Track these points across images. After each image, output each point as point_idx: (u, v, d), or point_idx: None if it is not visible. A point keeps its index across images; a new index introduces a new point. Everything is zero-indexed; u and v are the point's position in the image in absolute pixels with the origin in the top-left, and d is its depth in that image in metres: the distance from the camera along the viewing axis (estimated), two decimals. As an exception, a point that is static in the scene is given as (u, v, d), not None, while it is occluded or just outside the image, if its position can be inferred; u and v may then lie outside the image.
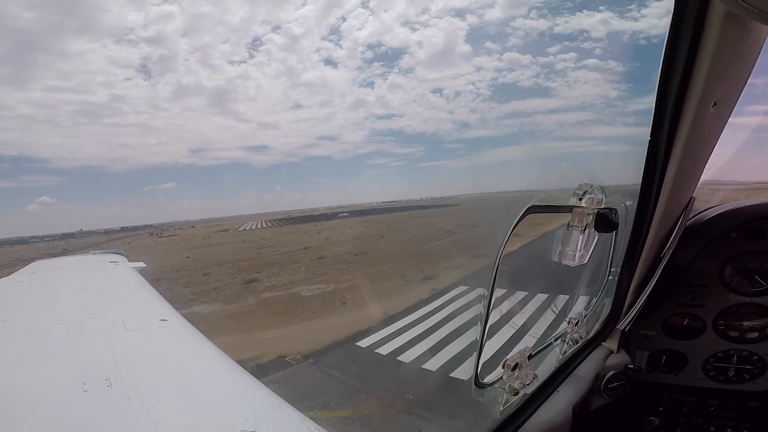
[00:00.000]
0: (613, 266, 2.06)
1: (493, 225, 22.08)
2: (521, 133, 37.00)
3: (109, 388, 1.36)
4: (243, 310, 16.96)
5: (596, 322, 2.16)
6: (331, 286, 18.48)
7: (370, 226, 32.03)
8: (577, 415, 1.78)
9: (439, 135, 42.87)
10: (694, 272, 2.16)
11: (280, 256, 24.61)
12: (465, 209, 33.22)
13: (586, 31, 32.16)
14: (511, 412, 1.56)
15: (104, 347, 1.69)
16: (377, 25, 37.63)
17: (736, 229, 2.13)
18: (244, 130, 39.98)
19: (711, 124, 1.54)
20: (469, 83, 40.85)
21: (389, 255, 23.72)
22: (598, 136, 32.12)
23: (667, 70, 1.34)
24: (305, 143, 44.49)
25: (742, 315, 2.17)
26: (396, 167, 43.63)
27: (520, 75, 38.32)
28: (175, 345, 1.86)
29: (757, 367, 2.20)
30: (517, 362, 1.52)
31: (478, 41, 38.87)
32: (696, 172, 1.82)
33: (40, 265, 3.55)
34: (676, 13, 1.22)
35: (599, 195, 1.62)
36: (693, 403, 2.29)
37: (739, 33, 1.21)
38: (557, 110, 37.36)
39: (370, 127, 41.80)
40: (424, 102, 42.76)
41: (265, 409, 1.31)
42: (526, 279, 4.68)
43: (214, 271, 22.13)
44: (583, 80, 35.21)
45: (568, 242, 1.66)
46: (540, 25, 36.33)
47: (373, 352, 10.28)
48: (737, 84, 1.48)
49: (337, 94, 41.33)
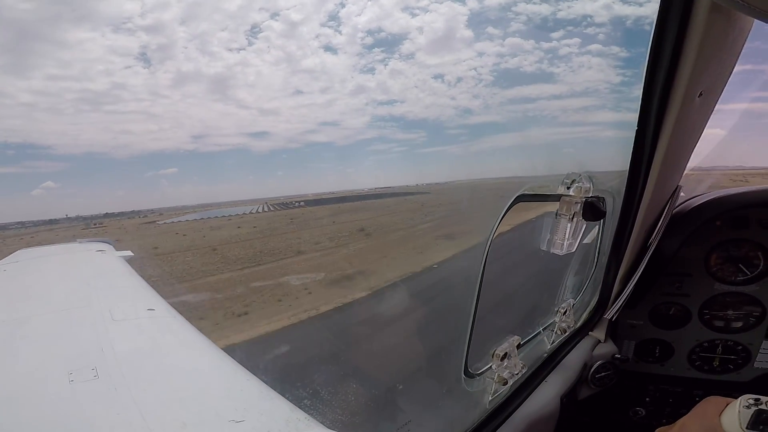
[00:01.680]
0: (601, 255, 2.07)
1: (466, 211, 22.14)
2: (521, 119, 37.16)
3: (96, 378, 1.34)
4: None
5: (584, 311, 2.18)
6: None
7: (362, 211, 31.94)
8: (565, 405, 1.80)
9: (441, 121, 42.96)
10: (681, 261, 2.18)
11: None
12: (447, 196, 33.20)
13: (589, 16, 32.26)
14: (500, 402, 1.58)
15: (91, 337, 1.67)
16: (376, 11, 37.47)
17: (721, 217, 2.14)
18: (245, 117, 39.86)
19: (697, 114, 1.55)
20: (471, 68, 40.89)
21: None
22: (590, 123, 32.28)
23: (654, 61, 1.35)
24: (306, 129, 44.41)
25: (726, 304, 2.20)
26: (398, 153, 43.79)
27: (516, 61, 38.41)
28: (163, 335, 1.84)
29: (741, 358, 2.23)
30: (506, 352, 1.54)
31: (479, 26, 38.79)
32: (682, 161, 1.83)
33: (24, 253, 3.49)
34: (663, 4, 1.23)
35: (587, 184, 1.62)
36: (678, 394, 2.32)
37: (724, 24, 1.21)
38: (557, 96, 37.53)
39: (371, 113, 41.82)
40: (426, 88, 42.84)
41: (254, 399, 1.30)
42: (514, 267, 4.71)
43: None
44: (585, 66, 35.35)
45: (556, 231, 1.67)
46: (539, 11, 36.30)
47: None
48: (723, 75, 1.49)
49: (338, 80, 41.28)
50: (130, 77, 30.65)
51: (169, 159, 34.24)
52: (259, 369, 1.53)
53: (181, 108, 34.83)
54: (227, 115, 35.85)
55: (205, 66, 33.62)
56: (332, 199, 27.78)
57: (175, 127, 35.20)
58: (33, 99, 30.68)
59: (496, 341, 1.57)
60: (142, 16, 29.37)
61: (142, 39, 30.32)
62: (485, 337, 1.54)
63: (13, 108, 31.50)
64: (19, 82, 31.12)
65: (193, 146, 34.87)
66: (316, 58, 36.31)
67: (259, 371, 1.46)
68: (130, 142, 32.34)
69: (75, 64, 30.84)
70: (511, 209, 1.42)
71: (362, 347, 10.46)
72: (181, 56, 32.90)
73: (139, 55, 30.76)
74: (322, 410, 5.09)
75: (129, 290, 2.47)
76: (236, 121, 36.08)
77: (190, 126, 34.90)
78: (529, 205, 1.51)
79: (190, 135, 34.48)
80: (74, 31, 32.11)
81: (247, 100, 37.17)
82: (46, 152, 32.55)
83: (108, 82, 30.74)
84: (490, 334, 1.58)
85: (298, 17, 33.86)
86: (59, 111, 30.32)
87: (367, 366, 8.53)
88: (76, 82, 31.22)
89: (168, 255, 21.01)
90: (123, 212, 18.28)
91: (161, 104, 33.82)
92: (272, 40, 34.26)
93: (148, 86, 31.28)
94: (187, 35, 32.17)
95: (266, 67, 35.74)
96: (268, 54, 34.94)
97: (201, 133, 34.38)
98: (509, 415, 1.59)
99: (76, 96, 31.13)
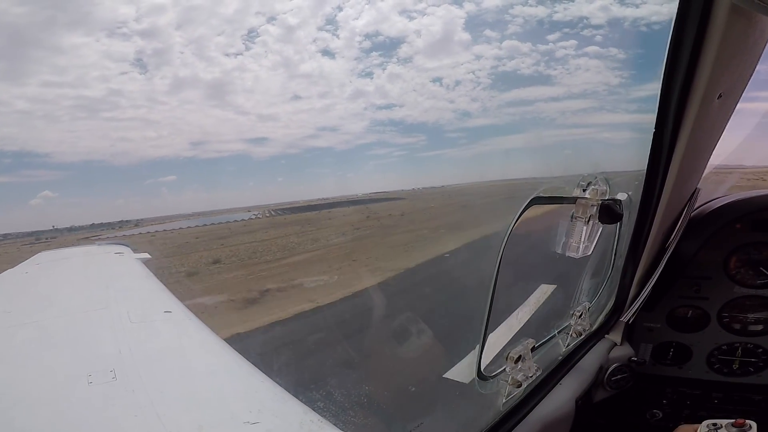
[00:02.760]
0: (617, 258, 2.04)
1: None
2: (524, 122, 36.63)
3: (114, 380, 1.37)
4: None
5: (600, 314, 2.15)
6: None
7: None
8: (580, 408, 1.78)
9: (441, 124, 42.58)
10: (699, 264, 2.14)
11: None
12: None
13: (586, 17, 31.66)
14: (513, 405, 1.56)
15: (109, 339, 1.71)
16: (373, 14, 37.20)
17: (741, 220, 2.11)
18: (244, 122, 39.82)
19: (716, 116, 1.53)
20: (469, 72, 40.55)
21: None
22: (602, 125, 31.83)
23: (672, 62, 1.33)
24: (306, 134, 44.31)
25: (746, 307, 2.16)
26: (397, 157, 43.42)
27: (520, 63, 37.92)
28: (179, 337, 1.87)
29: (762, 360, 2.19)
30: (520, 354, 1.52)
31: (477, 29, 38.51)
32: (701, 163, 1.81)
33: (45, 255, 3.57)
34: (682, 4, 1.21)
35: (603, 186, 1.61)
36: (697, 396, 2.28)
37: (744, 26, 1.20)
38: (560, 98, 36.96)
39: (370, 118, 41.56)
40: (425, 91, 42.43)
41: (269, 401, 1.32)
42: (529, 270, 4.66)
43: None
44: (584, 68, 34.74)
45: (572, 234, 1.65)
46: (540, 12, 35.85)
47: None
48: (742, 77, 1.47)
49: (336, 84, 41.05)
50: (126, 83, 31.17)
51: (169, 166, 34.79)
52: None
53: (179, 114, 35.31)
54: (226, 121, 36.27)
55: (202, 71, 34.13)
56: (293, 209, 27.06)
57: (173, 133, 35.66)
58: (29, 106, 31.41)
59: (510, 344, 1.56)
60: (138, 21, 29.95)
61: (138, 44, 30.86)
62: (499, 340, 1.53)
63: (9, 115, 32.23)
64: (15, 88, 31.80)
65: (192, 153, 35.33)
66: (314, 63, 36.60)
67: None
68: (128, 150, 32.86)
69: (71, 70, 31.45)
70: (526, 211, 1.41)
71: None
72: (177, 61, 33.47)
73: (135, 60, 31.38)
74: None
75: (146, 292, 2.51)
76: (235, 126, 36.44)
77: (189, 132, 35.34)
78: (543, 208, 1.50)
79: (189, 141, 34.96)
80: (69, 36, 32.72)
81: (245, 105, 37.60)
82: (43, 160, 33.22)
83: (104, 88, 31.30)
84: (504, 337, 1.57)
85: (295, 21, 34.15)
86: (56, 118, 30.94)
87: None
88: (72, 89, 31.89)
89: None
90: (124, 221, 18.42)
91: (159, 110, 34.33)
92: (269, 45, 34.59)
93: (145, 92, 31.79)
94: (183, 40, 32.70)
95: (264, 71, 36.12)
96: (266, 59, 35.30)
97: (200, 140, 34.81)
98: (523, 417, 1.58)
99: (73, 103, 31.78)
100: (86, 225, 15.41)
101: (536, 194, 1.43)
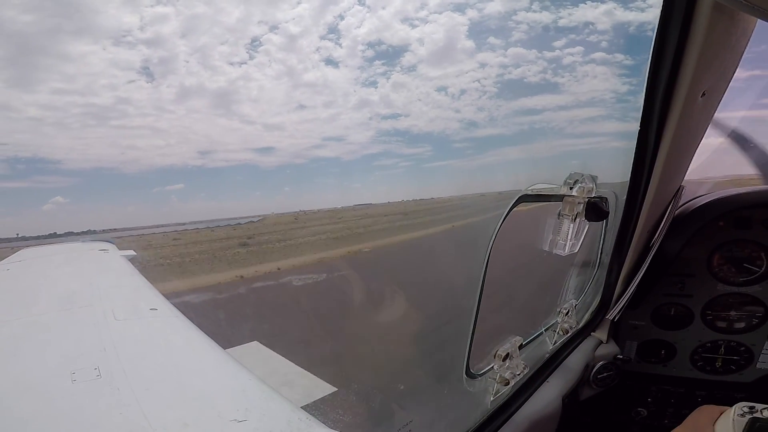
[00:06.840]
0: (603, 256, 2.06)
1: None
2: (526, 131, 36.57)
3: (98, 378, 1.34)
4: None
5: (586, 311, 2.17)
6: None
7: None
8: (567, 406, 1.80)
9: (447, 134, 42.28)
10: (683, 261, 2.17)
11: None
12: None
13: (591, 23, 31.69)
14: (501, 402, 1.57)
15: (93, 336, 1.68)
16: (375, 23, 36.88)
17: (723, 217, 2.14)
18: (250, 132, 39.41)
19: (699, 115, 1.55)
20: (474, 80, 40.33)
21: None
22: (592, 129, 32.00)
23: (657, 61, 1.35)
24: (312, 144, 43.87)
25: (729, 305, 2.19)
26: (404, 167, 42.97)
27: (522, 71, 37.87)
28: (166, 334, 1.85)
29: (744, 358, 2.22)
30: (508, 352, 1.53)
31: (480, 36, 38.32)
32: (685, 161, 1.83)
33: (28, 252, 3.50)
34: (666, 4, 1.22)
35: (590, 184, 1.62)
36: (681, 394, 2.31)
37: (727, 24, 1.21)
38: (556, 104, 37.00)
39: (375, 128, 41.16)
40: (430, 101, 42.14)
41: (256, 399, 1.30)
42: (517, 268, 4.70)
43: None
44: (588, 75, 34.82)
45: (559, 231, 1.67)
46: (540, 19, 35.87)
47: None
48: (725, 75, 1.49)
49: (340, 93, 40.61)
50: (134, 91, 30.86)
51: (177, 174, 34.50)
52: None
53: (186, 123, 35.02)
54: (232, 131, 35.99)
55: (207, 80, 33.80)
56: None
57: (181, 142, 35.35)
58: (40, 113, 30.99)
59: (498, 342, 1.57)
60: (142, 29, 29.56)
61: (144, 52, 30.53)
62: (487, 338, 1.54)
63: (22, 122, 31.76)
64: (26, 95, 31.38)
65: (200, 162, 35.06)
66: (318, 72, 36.28)
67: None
68: (137, 157, 32.60)
69: (79, 78, 31.08)
70: (513, 209, 1.42)
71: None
72: (183, 70, 33.11)
73: (142, 69, 31.03)
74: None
75: (131, 289, 2.48)
76: (242, 136, 36.18)
77: (196, 141, 35.06)
78: (530, 206, 1.51)
79: (197, 150, 34.68)
80: (75, 44, 32.24)
81: (251, 114, 37.27)
82: (55, 167, 32.88)
83: (112, 96, 30.96)
84: (492, 335, 1.58)
85: (297, 30, 33.80)
86: (66, 125, 30.54)
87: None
88: (81, 96, 31.53)
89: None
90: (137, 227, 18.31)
91: (166, 119, 34.04)
92: (273, 54, 34.28)
93: (152, 100, 31.50)
94: (188, 49, 32.32)
95: (268, 81, 35.79)
96: (270, 68, 34.97)
97: (207, 149, 34.58)
98: (511, 415, 1.59)
99: (82, 110, 31.42)
100: (98, 230, 15.55)
101: (523, 192, 1.44)
